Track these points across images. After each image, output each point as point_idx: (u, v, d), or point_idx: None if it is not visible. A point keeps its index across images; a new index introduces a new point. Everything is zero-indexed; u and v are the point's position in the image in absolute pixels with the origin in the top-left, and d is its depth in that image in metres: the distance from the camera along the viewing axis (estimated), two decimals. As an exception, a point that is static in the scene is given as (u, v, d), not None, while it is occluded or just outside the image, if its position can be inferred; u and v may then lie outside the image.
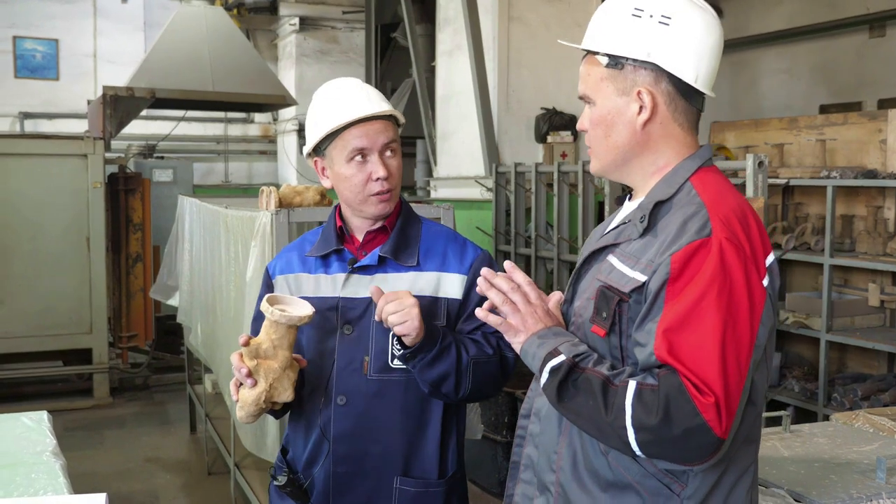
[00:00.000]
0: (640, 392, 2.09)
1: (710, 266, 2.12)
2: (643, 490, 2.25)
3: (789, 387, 7.74)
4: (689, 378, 2.06)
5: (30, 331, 10.13)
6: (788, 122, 8.77)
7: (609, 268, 2.33)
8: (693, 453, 2.07)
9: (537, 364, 2.30)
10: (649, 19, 2.31)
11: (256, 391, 2.85)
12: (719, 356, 2.07)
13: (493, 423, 7.11)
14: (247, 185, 16.95)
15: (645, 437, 2.07)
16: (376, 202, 3.06)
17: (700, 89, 2.35)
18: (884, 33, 10.71)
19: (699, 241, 2.15)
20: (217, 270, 6.31)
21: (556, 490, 2.41)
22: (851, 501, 3.09)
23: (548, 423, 2.46)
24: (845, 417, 4.10)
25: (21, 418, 4.08)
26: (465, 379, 2.93)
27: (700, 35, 2.33)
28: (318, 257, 3.16)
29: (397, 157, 3.10)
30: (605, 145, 2.41)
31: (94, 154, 10.21)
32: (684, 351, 2.09)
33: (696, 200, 2.26)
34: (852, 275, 7.88)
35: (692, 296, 2.11)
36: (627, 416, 2.09)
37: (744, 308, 2.13)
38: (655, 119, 2.35)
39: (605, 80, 2.37)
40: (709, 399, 2.04)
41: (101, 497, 2.60)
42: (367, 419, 3.03)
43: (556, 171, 9.08)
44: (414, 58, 12.32)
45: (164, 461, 8.39)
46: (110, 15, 16.17)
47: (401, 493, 3.05)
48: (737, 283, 2.13)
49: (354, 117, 3.02)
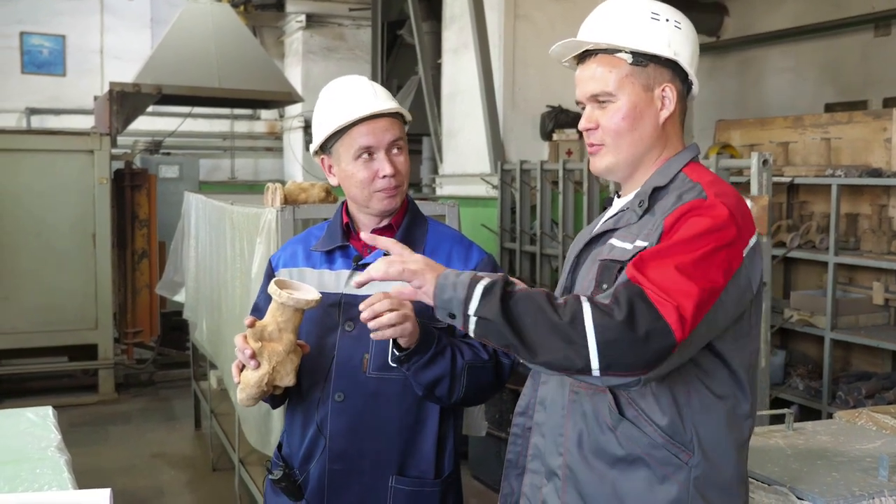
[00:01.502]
0: (594, 303, 2.14)
1: (701, 220, 2.27)
2: (652, 461, 2.34)
3: (794, 385, 7.74)
4: (650, 288, 2.13)
5: (35, 326, 10.14)
6: (793, 121, 8.77)
7: (610, 248, 2.43)
8: (649, 357, 2.11)
9: (462, 293, 2.23)
10: (666, 23, 2.49)
11: (259, 373, 2.84)
12: (683, 278, 2.15)
13: (497, 420, 7.12)
14: (253, 182, 16.96)
15: (606, 336, 2.09)
16: (382, 198, 3.07)
17: (695, 89, 2.58)
18: (889, 32, 10.70)
19: (692, 202, 2.31)
20: (222, 267, 6.32)
21: (563, 473, 2.47)
22: (853, 499, 3.09)
23: (552, 408, 2.53)
24: (848, 415, 4.10)
25: (26, 413, 4.08)
26: (459, 383, 2.92)
27: (696, 42, 2.57)
28: (322, 253, 3.17)
29: (404, 154, 3.10)
30: (629, 139, 2.50)
31: (100, 150, 10.22)
32: (652, 270, 2.17)
33: (692, 182, 2.43)
34: (857, 273, 7.88)
35: (677, 238, 2.24)
36: (587, 318, 2.11)
37: (720, 259, 2.23)
38: (673, 115, 2.52)
39: (629, 76, 2.48)
40: (672, 303, 2.11)
41: (106, 492, 2.60)
42: (365, 417, 3.03)
43: (562, 168, 9.08)
44: (420, 55, 12.33)
45: (168, 457, 8.40)
46: (117, 11, 16.20)
47: (396, 491, 3.04)
48: (720, 238, 2.24)
49: (360, 115, 3.03)
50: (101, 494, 2.60)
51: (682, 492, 2.34)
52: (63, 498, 2.92)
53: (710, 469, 2.36)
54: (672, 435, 2.33)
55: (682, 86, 2.53)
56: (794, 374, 7.86)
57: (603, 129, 2.51)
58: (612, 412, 2.38)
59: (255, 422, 5.39)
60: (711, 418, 2.37)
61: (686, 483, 2.34)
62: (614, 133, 2.50)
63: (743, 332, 2.39)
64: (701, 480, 2.35)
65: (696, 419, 2.35)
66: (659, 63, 2.48)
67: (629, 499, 2.38)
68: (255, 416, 5.36)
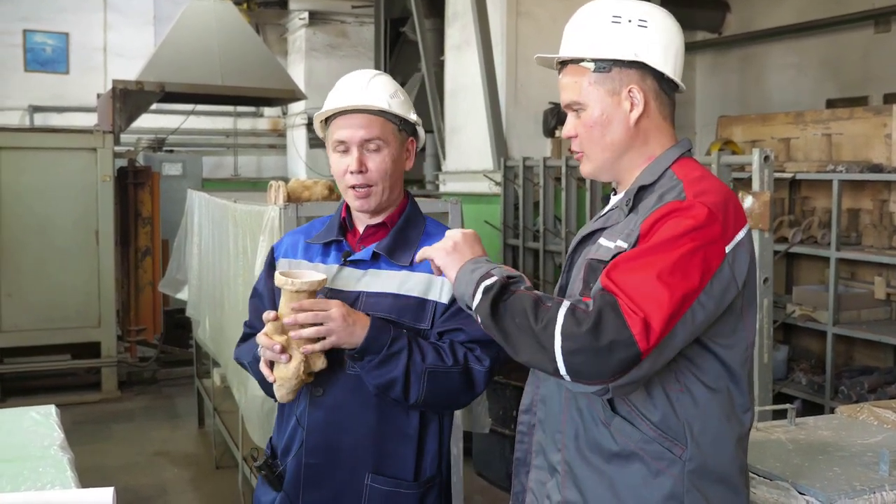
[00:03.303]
0: (573, 309, 2.21)
1: (676, 222, 2.30)
2: (646, 455, 2.38)
3: (797, 380, 7.76)
4: (622, 298, 2.18)
5: (38, 324, 10.12)
6: (795, 117, 8.78)
7: (597, 247, 2.48)
8: (613, 367, 2.16)
9: (471, 288, 2.40)
10: (628, 24, 2.51)
11: (293, 365, 2.84)
12: (658, 287, 2.20)
13: (501, 417, 7.13)
14: (256, 179, 16.97)
15: (571, 345, 2.16)
16: (353, 196, 3.06)
17: (677, 82, 2.58)
18: (889, 28, 10.69)
19: (670, 204, 2.34)
20: (225, 264, 6.33)
21: (562, 469, 2.51)
22: (854, 494, 3.09)
23: (551, 404, 2.58)
24: (850, 410, 4.10)
25: (29, 412, 4.08)
26: (415, 386, 2.89)
27: (672, 35, 2.56)
28: (320, 245, 3.17)
29: (382, 155, 3.04)
30: (601, 145, 2.55)
31: (103, 148, 10.21)
32: (625, 278, 2.23)
33: (675, 180, 2.46)
34: (858, 268, 7.90)
35: (653, 242, 2.27)
36: (557, 325, 2.19)
37: (696, 261, 2.26)
38: (646, 114, 2.53)
39: (593, 84, 2.53)
40: (639, 315, 2.15)
41: (109, 491, 2.60)
42: (341, 412, 3.01)
43: (565, 165, 9.10)
44: (423, 52, 12.34)
45: (172, 455, 8.41)
46: (120, 9, 16.23)
47: (371, 490, 3.02)
48: (697, 237, 2.27)
49: (335, 107, 3.05)
50: (105, 493, 2.61)
51: (676, 485, 2.37)
52: (66, 496, 2.93)
53: (705, 462, 2.39)
54: (665, 430, 2.37)
55: (656, 83, 2.53)
56: (797, 369, 7.88)
57: (580, 137, 2.58)
58: (606, 408, 2.42)
59: (259, 419, 5.40)
60: (706, 412, 2.40)
61: (680, 476, 2.37)
62: (588, 141, 2.57)
63: (733, 326, 2.42)
64: (696, 474, 2.38)
65: (689, 413, 2.38)
66: (623, 66, 2.50)
67: (625, 493, 2.41)
68: (258, 413, 5.37)
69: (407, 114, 3.12)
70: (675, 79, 2.56)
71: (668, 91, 2.57)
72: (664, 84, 2.55)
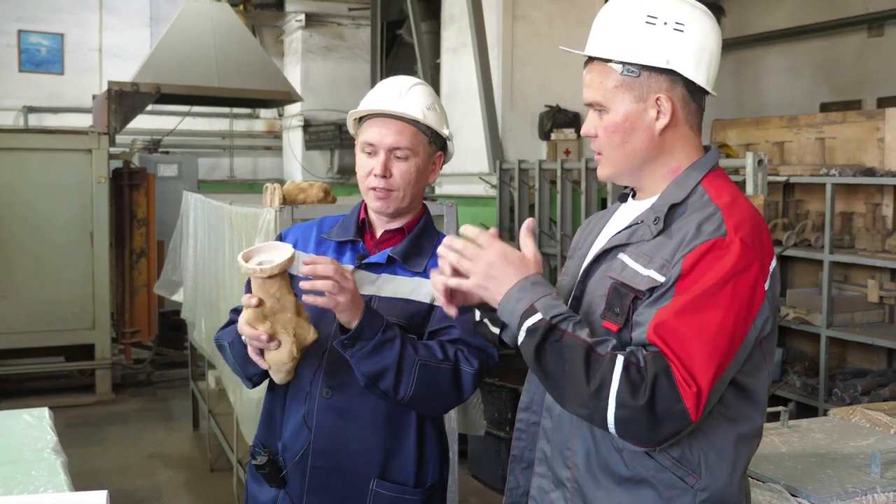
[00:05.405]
0: (627, 368, 2.12)
1: (720, 264, 2.18)
2: (658, 483, 2.29)
3: (791, 382, 7.77)
4: (675, 364, 2.11)
5: (32, 326, 10.09)
6: (788, 121, 8.80)
7: (621, 266, 2.34)
8: (665, 436, 2.13)
9: (515, 321, 2.27)
10: (664, 27, 2.33)
11: (286, 348, 2.80)
12: (709, 349, 2.13)
13: (497, 419, 7.13)
14: (252, 181, 16.94)
15: (624, 413, 2.11)
16: (373, 197, 3.05)
17: (710, 91, 2.40)
18: (882, 32, 10.74)
19: (712, 241, 2.20)
20: (221, 266, 6.33)
21: (571, 486, 2.43)
22: (847, 496, 3.11)
23: (560, 419, 2.47)
24: (843, 413, 4.12)
25: (22, 415, 4.08)
26: (406, 378, 2.83)
27: (711, 41, 2.38)
28: (335, 243, 3.14)
29: (407, 164, 3.04)
30: (621, 152, 2.42)
31: (98, 149, 10.19)
32: (677, 337, 2.13)
33: (711, 204, 2.30)
34: (852, 271, 7.91)
35: (698, 290, 2.16)
36: (612, 390, 2.12)
37: (743, 308, 2.18)
38: (672, 123, 2.38)
39: (620, 87, 2.37)
40: (692, 388, 2.10)
41: (103, 494, 2.60)
42: (350, 416, 3.00)
43: (560, 167, 9.11)
44: (419, 55, 12.36)
45: (166, 458, 8.40)
46: (116, 9, 16.21)
47: (377, 495, 3.01)
48: (741, 283, 2.18)
49: (370, 109, 3.05)
50: (98, 496, 2.61)
51: None
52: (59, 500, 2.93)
53: (717, 491, 2.31)
54: (679, 459, 2.28)
55: (686, 90, 2.36)
56: (791, 372, 7.89)
57: (600, 139, 2.44)
58: None
59: (254, 422, 5.39)
60: (723, 443, 2.31)
61: None
62: (608, 145, 2.42)
63: (760, 355, 2.33)
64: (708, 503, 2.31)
65: (705, 444, 2.30)
66: (653, 72, 2.34)
67: None
68: (253, 415, 5.37)
69: (440, 127, 3.12)
70: (707, 87, 2.39)
71: (698, 98, 2.41)
72: (695, 92, 2.39)
